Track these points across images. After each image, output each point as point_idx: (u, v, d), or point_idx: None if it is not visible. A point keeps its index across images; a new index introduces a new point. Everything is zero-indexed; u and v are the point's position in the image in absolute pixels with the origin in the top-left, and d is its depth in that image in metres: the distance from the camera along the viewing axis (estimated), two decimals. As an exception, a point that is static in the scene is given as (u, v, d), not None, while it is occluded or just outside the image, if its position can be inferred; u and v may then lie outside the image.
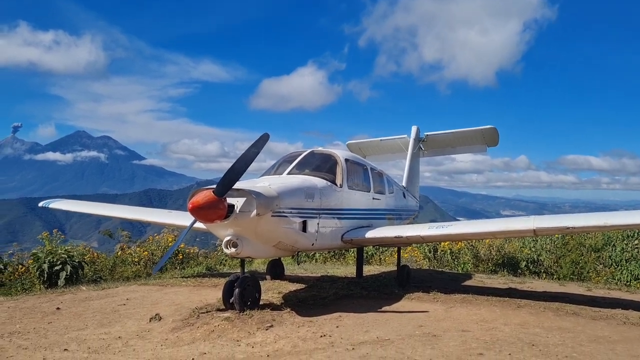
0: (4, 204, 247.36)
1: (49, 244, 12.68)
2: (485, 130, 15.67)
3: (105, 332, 7.14)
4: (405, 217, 13.88)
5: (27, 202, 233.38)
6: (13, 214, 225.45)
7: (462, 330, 7.19)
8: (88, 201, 15.74)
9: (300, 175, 9.14)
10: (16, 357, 6.01)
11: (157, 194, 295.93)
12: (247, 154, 7.31)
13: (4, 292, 11.22)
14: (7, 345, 6.52)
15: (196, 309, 8.17)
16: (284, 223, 8.03)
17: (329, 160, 9.94)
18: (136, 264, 14.64)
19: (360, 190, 10.58)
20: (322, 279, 12.31)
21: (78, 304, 9.21)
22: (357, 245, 10.66)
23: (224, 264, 16.24)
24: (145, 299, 9.57)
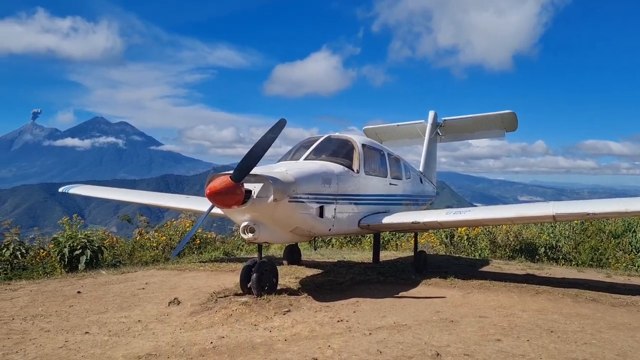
0: (25, 189, 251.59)
1: (69, 228, 12.87)
2: (504, 115, 15.48)
3: (125, 316, 7.24)
4: (422, 202, 13.83)
5: (47, 188, 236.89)
6: (34, 199, 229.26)
7: (480, 316, 7.16)
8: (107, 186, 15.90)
9: (317, 161, 9.13)
10: (39, 339, 6.11)
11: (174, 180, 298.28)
12: (264, 140, 7.30)
13: (26, 275, 11.42)
14: (30, 328, 6.65)
15: (214, 293, 8.24)
16: (301, 208, 8.04)
17: (346, 146, 9.91)
18: (154, 248, 14.81)
19: (377, 175, 10.54)
20: (338, 264, 12.35)
21: (98, 287, 9.35)
22: (374, 230, 10.66)
23: (241, 248, 16.36)
24: (164, 284, 9.68)
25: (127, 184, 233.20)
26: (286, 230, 8.18)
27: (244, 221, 7.65)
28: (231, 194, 7.09)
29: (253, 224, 7.62)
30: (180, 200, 12.90)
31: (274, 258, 13.20)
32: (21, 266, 12.10)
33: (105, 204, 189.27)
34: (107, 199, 14.48)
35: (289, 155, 9.72)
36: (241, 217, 7.68)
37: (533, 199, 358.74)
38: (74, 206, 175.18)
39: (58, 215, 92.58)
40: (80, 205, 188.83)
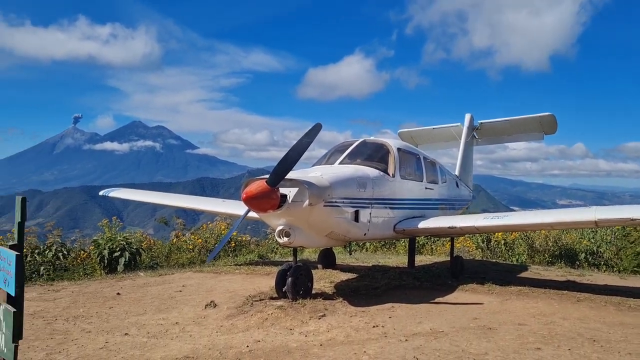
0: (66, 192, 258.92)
1: (109, 231, 13.15)
2: (542, 118, 15.15)
3: (163, 318, 7.36)
4: (459, 206, 13.64)
5: (87, 190, 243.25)
6: (75, 202, 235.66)
7: (519, 323, 7.01)
8: (144, 189, 16.21)
9: (352, 165, 9.11)
10: (80, 340, 6.26)
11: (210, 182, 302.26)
12: (299, 144, 7.32)
13: (68, 276, 11.72)
14: (72, 329, 6.82)
15: (250, 296, 8.30)
16: (336, 213, 8.03)
17: (381, 150, 9.86)
18: (190, 251, 15.00)
19: (413, 179, 10.45)
20: (373, 268, 12.28)
21: (137, 289, 9.53)
22: (410, 235, 10.56)
23: (275, 251, 16.44)
24: (200, 286, 9.80)
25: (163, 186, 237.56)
26: (321, 234, 8.18)
27: (280, 225, 7.69)
28: (267, 199, 7.13)
29: (288, 228, 7.65)
30: (216, 204, 13.05)
31: (308, 262, 13.21)
32: (63, 267, 12.43)
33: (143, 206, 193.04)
34: (146, 202, 14.76)
35: (324, 160, 9.73)
36: (277, 221, 7.72)
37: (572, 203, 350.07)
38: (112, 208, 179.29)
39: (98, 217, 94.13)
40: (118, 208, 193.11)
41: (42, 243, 12.77)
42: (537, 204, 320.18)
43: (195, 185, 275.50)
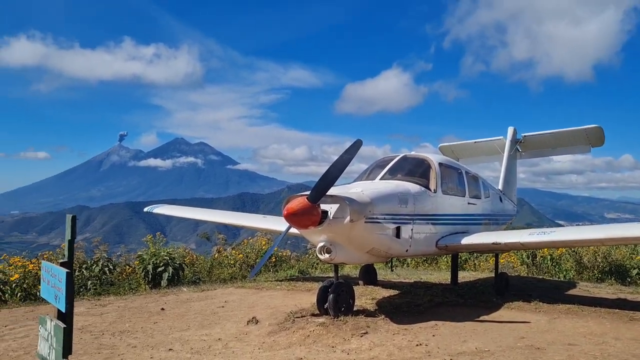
0: (112, 207, 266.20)
1: (153, 246, 13.39)
2: (589, 130, 14.72)
3: (206, 334, 7.43)
4: (503, 222, 13.35)
5: (132, 206, 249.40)
6: (120, 217, 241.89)
7: (569, 343, 6.77)
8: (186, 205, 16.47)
9: (393, 181, 9.05)
10: (126, 355, 6.38)
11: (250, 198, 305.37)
12: (340, 160, 7.33)
13: (114, 291, 11.97)
14: (118, 343, 6.95)
15: (291, 313, 8.29)
16: (377, 229, 7.97)
17: (422, 165, 9.77)
18: (232, 266, 15.12)
19: (455, 194, 10.30)
20: (415, 285, 12.11)
21: (180, 305, 9.66)
22: (452, 251, 10.39)
23: (315, 267, 16.41)
24: (242, 302, 9.86)
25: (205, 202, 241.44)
26: (362, 251, 8.13)
27: (321, 242, 7.68)
28: (308, 215, 7.15)
29: (329, 245, 7.63)
30: (258, 220, 13.16)
31: (349, 278, 13.13)
32: (109, 282, 12.70)
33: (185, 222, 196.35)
34: (189, 218, 14.99)
35: (365, 175, 9.70)
36: (318, 238, 7.72)
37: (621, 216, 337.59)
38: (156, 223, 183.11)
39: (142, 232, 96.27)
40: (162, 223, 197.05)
41: (90, 258, 13.09)
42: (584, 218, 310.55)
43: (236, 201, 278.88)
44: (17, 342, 7.11)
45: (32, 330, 7.62)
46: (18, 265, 11.23)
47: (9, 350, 6.72)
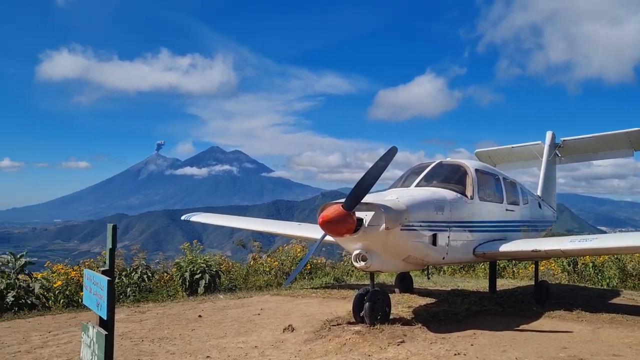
0: (150, 215, 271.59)
1: (190, 253, 13.57)
2: (631, 134, 14.28)
3: (243, 341, 7.47)
4: (542, 228, 13.05)
5: (169, 214, 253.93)
6: (158, 225, 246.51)
7: (613, 354, 6.56)
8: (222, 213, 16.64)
9: (429, 188, 8.96)
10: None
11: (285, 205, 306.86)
12: (375, 168, 7.31)
13: (153, 298, 12.17)
14: (157, 350, 7.06)
15: (327, 321, 8.27)
16: (413, 237, 7.90)
17: (458, 171, 9.65)
18: (267, 273, 15.20)
19: (493, 201, 10.12)
20: (452, 293, 11.92)
21: (217, 312, 9.76)
22: (490, 259, 10.20)
23: (350, 274, 16.35)
24: (278, 310, 9.90)
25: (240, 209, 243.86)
26: (398, 258, 8.07)
27: (356, 249, 7.66)
28: (343, 223, 7.14)
29: (365, 252, 7.61)
30: (293, 228, 13.20)
31: (385, 285, 13.04)
32: (148, 289, 12.92)
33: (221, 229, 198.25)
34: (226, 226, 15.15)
35: (400, 182, 9.64)
36: (353, 246, 7.70)
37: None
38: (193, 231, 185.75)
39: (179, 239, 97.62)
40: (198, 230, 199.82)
41: (129, 265, 13.35)
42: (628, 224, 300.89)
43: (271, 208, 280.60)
44: (60, 347, 7.30)
45: (74, 337, 7.81)
46: (61, 273, 11.53)
47: (53, 355, 6.91)
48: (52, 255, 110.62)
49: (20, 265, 10.69)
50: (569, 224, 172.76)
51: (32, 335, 8.09)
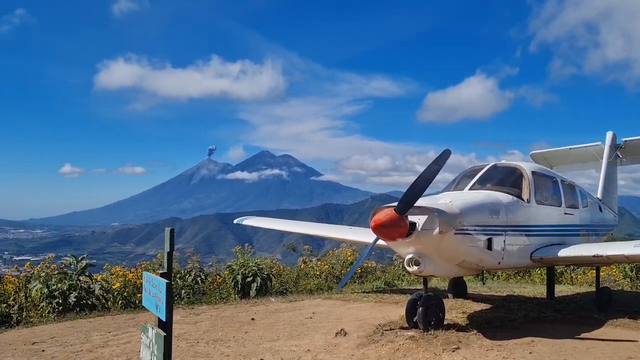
0: (202, 219, 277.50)
1: (242, 257, 13.74)
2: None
3: (296, 345, 7.50)
4: (603, 233, 12.55)
5: (221, 218, 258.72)
6: (210, 228, 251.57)
7: (684, 366, 6.22)
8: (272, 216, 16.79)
9: (483, 191, 8.75)
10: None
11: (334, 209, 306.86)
12: (428, 171, 7.21)
13: (206, 300, 12.38)
14: (212, 352, 7.18)
15: (379, 325, 8.21)
16: (467, 241, 7.74)
17: (514, 174, 9.39)
18: (318, 277, 15.22)
19: (550, 204, 9.80)
20: (508, 298, 11.61)
21: (269, 315, 9.84)
22: (548, 264, 9.88)
23: (401, 279, 16.18)
24: (329, 314, 9.88)
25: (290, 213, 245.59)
26: (452, 263, 7.91)
27: (409, 254, 7.56)
28: (395, 227, 7.07)
29: (418, 257, 7.49)
30: (344, 232, 13.18)
31: (437, 290, 12.83)
32: (201, 291, 13.16)
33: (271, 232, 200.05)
34: (277, 229, 15.28)
35: (453, 185, 9.46)
36: (406, 250, 7.60)
37: None
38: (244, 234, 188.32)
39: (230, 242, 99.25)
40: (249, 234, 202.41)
41: (183, 268, 13.64)
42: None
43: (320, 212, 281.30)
44: (120, 347, 7.53)
45: (133, 337, 8.04)
46: (119, 275, 11.91)
47: (113, 355, 7.13)
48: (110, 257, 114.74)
49: (81, 267, 11.09)
50: (630, 228, 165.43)
51: (93, 334, 8.38)
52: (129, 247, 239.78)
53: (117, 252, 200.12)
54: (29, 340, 8.10)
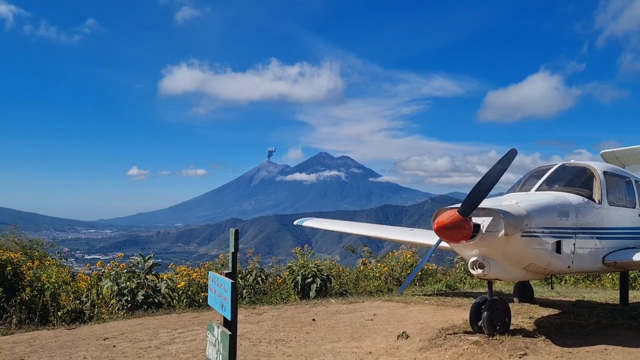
0: (262, 220, 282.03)
1: (301, 258, 13.85)
2: None
3: (357, 347, 7.47)
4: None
5: (280, 219, 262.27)
6: (270, 229, 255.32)
7: None
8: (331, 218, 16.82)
9: (551, 192, 8.42)
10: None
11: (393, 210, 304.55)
12: (493, 172, 7.01)
13: (267, 300, 12.56)
14: (274, 352, 7.26)
15: (442, 329, 8.05)
16: (535, 244, 7.46)
17: (584, 174, 8.98)
18: (377, 278, 15.12)
19: (624, 206, 9.31)
20: (578, 304, 11.12)
21: (330, 316, 9.85)
22: (622, 268, 9.40)
23: (463, 282, 15.84)
24: (390, 316, 9.79)
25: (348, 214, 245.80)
26: (519, 266, 7.66)
27: (473, 256, 7.37)
28: (459, 229, 6.91)
29: (482, 260, 7.30)
30: (405, 233, 13.04)
31: (502, 294, 12.46)
32: (262, 291, 13.36)
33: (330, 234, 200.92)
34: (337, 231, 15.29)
35: (518, 186, 9.16)
36: (469, 252, 7.42)
37: None
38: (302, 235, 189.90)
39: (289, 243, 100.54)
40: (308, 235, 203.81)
41: (244, 268, 13.89)
42: None
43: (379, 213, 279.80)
44: (185, 345, 7.73)
45: (198, 335, 8.25)
46: (183, 274, 12.26)
47: (180, 352, 7.33)
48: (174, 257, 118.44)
49: (148, 266, 11.49)
50: None
51: (160, 332, 8.65)
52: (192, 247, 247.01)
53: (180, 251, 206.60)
54: (100, 335, 8.45)
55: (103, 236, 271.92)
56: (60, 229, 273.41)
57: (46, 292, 10.81)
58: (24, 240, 16.74)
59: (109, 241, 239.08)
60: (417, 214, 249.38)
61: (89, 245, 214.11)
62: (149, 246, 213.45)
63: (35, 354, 7.43)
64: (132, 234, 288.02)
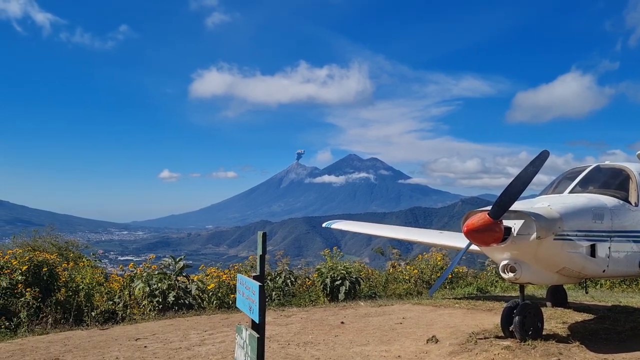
0: (291, 222, 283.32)
1: (330, 260, 13.83)
2: None
3: (386, 350, 7.42)
4: None
5: (309, 221, 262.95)
6: (299, 231, 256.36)
7: None
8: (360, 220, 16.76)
9: (585, 194, 8.22)
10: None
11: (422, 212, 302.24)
12: (524, 174, 6.89)
13: (296, 302, 12.57)
14: (302, 354, 7.26)
15: (473, 333, 7.94)
16: (568, 247, 7.29)
17: (619, 176, 8.73)
18: (407, 281, 15.01)
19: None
20: (613, 309, 10.84)
21: (359, 319, 9.81)
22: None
23: (495, 285, 15.59)
24: (420, 319, 9.70)
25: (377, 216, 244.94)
26: (551, 270, 7.49)
27: (504, 260, 7.24)
28: (490, 232, 6.80)
29: (514, 263, 7.16)
30: (435, 236, 12.91)
31: (534, 298, 12.22)
32: (291, 293, 13.39)
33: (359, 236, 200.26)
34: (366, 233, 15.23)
35: (551, 188, 8.97)
36: (500, 256, 7.30)
37: None
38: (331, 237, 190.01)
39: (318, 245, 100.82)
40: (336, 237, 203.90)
41: (273, 270, 13.95)
42: None
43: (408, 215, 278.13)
44: (215, 346, 7.80)
45: (227, 337, 8.31)
46: (214, 276, 12.37)
47: (209, 353, 7.40)
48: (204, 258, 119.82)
49: (179, 268, 11.63)
50: None
51: (191, 333, 8.75)
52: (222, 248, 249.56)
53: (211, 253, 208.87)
54: (132, 336, 8.59)
55: (136, 238, 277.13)
56: (94, 231, 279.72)
57: (80, 293, 11.06)
58: (60, 241, 17.12)
59: (142, 243, 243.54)
60: (447, 215, 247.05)
61: (122, 246, 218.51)
62: (180, 248, 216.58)
63: (69, 353, 7.59)
64: (163, 235, 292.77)
